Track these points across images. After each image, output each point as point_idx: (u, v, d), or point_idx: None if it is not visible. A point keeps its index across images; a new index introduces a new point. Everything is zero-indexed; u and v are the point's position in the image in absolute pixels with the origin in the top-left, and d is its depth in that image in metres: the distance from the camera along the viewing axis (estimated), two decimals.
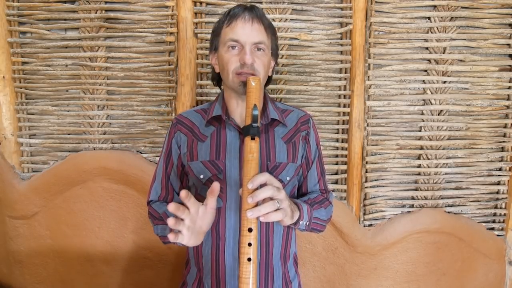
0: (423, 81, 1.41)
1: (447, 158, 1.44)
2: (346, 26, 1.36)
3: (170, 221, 0.63)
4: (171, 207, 0.62)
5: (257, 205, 0.65)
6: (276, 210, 0.66)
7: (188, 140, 0.90)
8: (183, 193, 0.64)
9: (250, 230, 0.63)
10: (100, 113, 1.40)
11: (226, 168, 0.85)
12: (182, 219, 0.66)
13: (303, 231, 0.85)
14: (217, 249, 0.85)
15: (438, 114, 1.42)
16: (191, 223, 0.67)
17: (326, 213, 0.92)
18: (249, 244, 0.63)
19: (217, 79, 0.96)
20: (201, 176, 0.86)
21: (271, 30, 0.86)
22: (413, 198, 1.45)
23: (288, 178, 0.87)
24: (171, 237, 0.65)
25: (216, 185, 0.67)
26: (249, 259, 0.62)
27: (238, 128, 0.87)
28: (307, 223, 0.82)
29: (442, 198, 1.45)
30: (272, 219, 0.66)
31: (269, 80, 0.95)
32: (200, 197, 0.88)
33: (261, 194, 0.65)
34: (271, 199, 0.67)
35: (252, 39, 0.81)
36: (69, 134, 1.43)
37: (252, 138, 0.70)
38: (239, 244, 0.63)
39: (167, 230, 0.80)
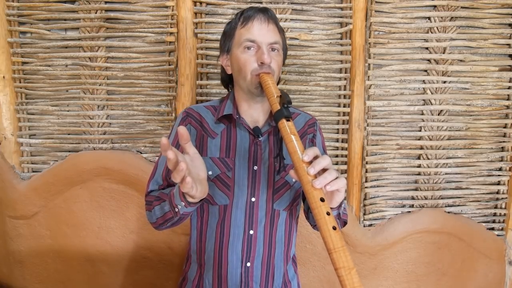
0: (423, 81, 1.41)
1: (447, 158, 1.44)
2: (346, 26, 1.36)
3: (170, 155, 0.57)
4: (163, 140, 0.56)
5: (315, 178, 0.63)
6: (337, 178, 0.64)
7: (197, 134, 0.90)
8: (164, 139, 0.57)
9: (322, 199, 0.61)
10: (100, 113, 1.40)
11: (235, 167, 0.86)
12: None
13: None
14: (220, 246, 0.86)
15: (438, 114, 1.42)
16: (188, 168, 0.62)
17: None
18: (328, 214, 0.60)
19: (227, 81, 0.96)
20: (210, 172, 0.86)
21: (282, 32, 0.89)
22: (413, 198, 1.45)
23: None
24: (186, 182, 0.59)
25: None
26: (334, 228, 0.59)
27: (248, 129, 0.87)
28: (343, 210, 0.82)
29: (442, 198, 1.45)
30: (337, 186, 0.64)
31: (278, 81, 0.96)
32: (207, 195, 0.88)
33: (322, 163, 0.63)
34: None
35: (268, 39, 0.83)
36: (69, 134, 1.43)
37: (287, 120, 0.70)
38: (316, 217, 0.60)
39: (166, 206, 0.77)
